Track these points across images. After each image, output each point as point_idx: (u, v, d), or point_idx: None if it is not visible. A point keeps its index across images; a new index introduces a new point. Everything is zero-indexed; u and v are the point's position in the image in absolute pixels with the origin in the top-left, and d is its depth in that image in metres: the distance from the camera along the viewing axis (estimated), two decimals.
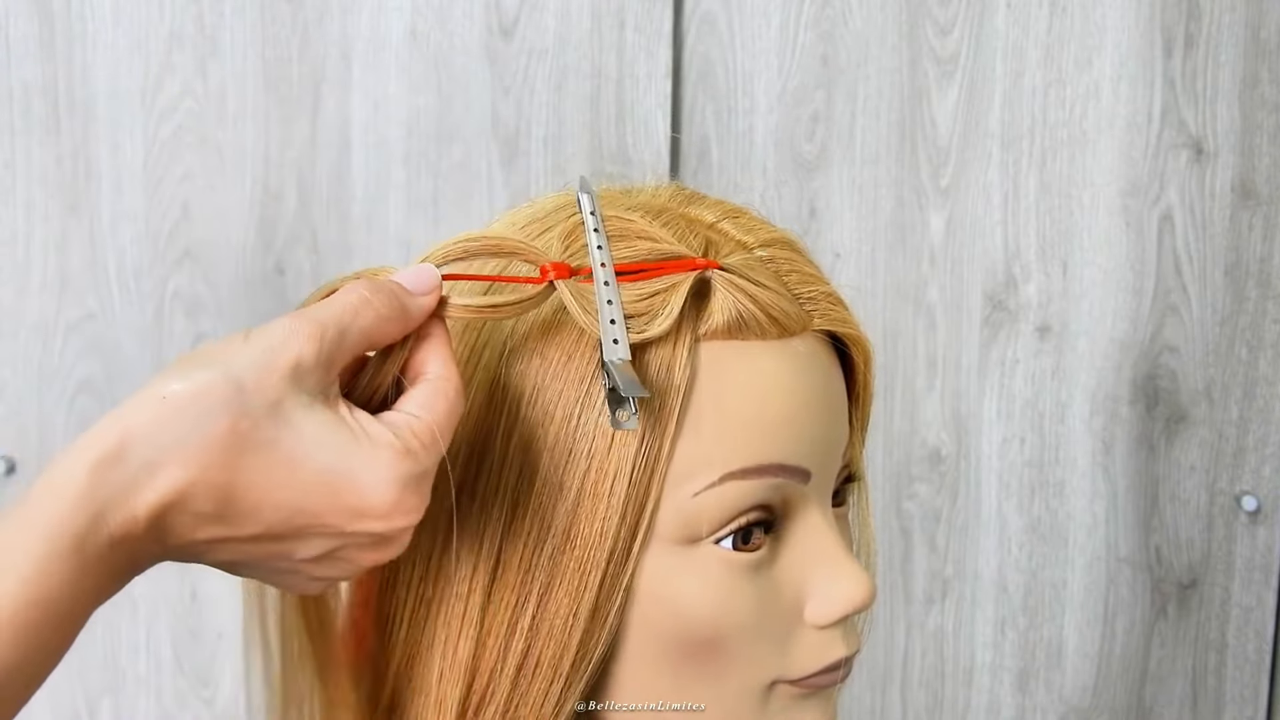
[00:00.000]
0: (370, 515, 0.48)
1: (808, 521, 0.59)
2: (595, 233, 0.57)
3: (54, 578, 0.44)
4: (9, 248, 1.27)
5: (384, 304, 0.51)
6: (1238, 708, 1.40)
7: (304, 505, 0.48)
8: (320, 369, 0.49)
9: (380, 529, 0.49)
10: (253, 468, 0.47)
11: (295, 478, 0.47)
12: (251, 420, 0.46)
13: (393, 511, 0.49)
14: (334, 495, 0.48)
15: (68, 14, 1.24)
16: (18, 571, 0.44)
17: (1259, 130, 1.32)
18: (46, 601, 0.44)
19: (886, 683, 1.39)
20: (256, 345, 0.48)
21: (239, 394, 0.46)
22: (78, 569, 0.45)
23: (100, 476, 0.45)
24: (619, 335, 0.54)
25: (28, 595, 0.44)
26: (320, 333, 0.49)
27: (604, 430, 0.55)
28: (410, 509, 0.49)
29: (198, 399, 0.46)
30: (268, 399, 0.47)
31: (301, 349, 0.48)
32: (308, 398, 0.48)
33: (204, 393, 0.46)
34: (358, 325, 0.50)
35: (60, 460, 0.46)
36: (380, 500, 0.48)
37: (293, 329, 0.48)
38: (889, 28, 1.30)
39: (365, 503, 0.48)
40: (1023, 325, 1.34)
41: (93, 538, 0.45)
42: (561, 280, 0.55)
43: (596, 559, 0.56)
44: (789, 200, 1.32)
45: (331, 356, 0.49)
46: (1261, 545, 1.38)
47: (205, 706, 1.32)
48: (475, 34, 1.27)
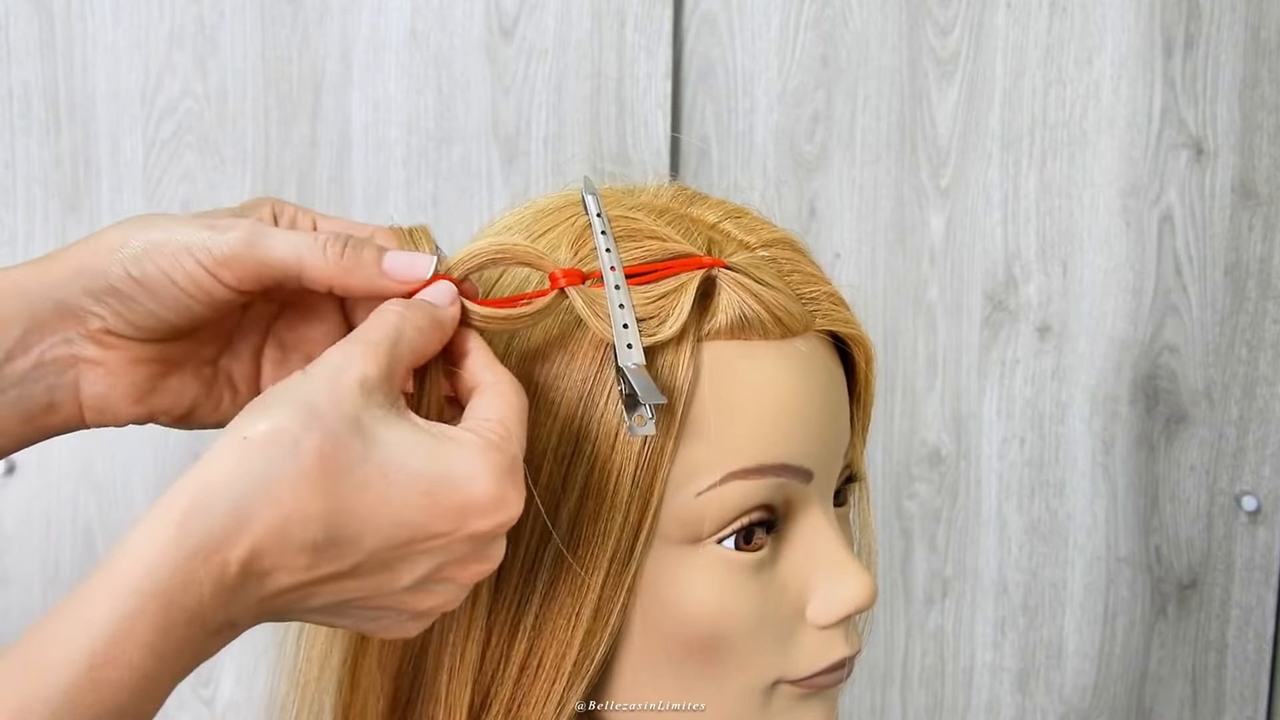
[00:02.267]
0: (474, 511, 0.47)
1: (809, 521, 0.59)
2: (604, 235, 0.57)
3: (135, 637, 0.42)
4: (9, 248, 1.27)
5: (420, 317, 0.51)
6: (1238, 708, 1.40)
7: (404, 518, 0.46)
8: (385, 384, 0.48)
9: (486, 526, 0.48)
10: (348, 490, 0.45)
11: (391, 492, 0.46)
12: (335, 442, 0.45)
13: (497, 504, 0.48)
14: (434, 500, 0.47)
15: (68, 14, 1.24)
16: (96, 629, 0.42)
17: (1259, 130, 1.32)
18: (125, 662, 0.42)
19: (886, 683, 1.39)
20: (318, 373, 0.47)
21: (317, 419, 0.45)
22: (162, 627, 0.43)
23: (188, 528, 0.43)
24: (633, 340, 0.54)
25: (106, 654, 0.42)
26: (374, 350, 0.48)
27: (607, 430, 0.55)
28: (512, 500, 0.48)
29: (278, 435, 0.45)
30: (345, 417, 0.46)
31: (364, 367, 0.47)
32: (381, 412, 0.47)
33: (282, 427, 0.45)
34: (405, 339, 0.50)
35: (148, 516, 0.44)
36: (482, 493, 0.47)
37: (347, 352, 0.48)
38: (889, 28, 1.30)
39: (468, 499, 0.47)
40: (1023, 325, 1.34)
41: (181, 592, 0.43)
42: (573, 287, 0.55)
43: (599, 559, 0.56)
44: (789, 200, 1.32)
45: (391, 370, 0.49)
46: (1261, 545, 1.38)
47: (205, 706, 1.31)
48: (475, 34, 1.27)
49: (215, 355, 0.57)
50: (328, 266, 0.52)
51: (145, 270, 0.52)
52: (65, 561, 1.29)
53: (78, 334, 0.53)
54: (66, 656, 0.42)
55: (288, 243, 0.52)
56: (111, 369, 0.54)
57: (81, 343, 0.53)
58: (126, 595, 0.42)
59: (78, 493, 1.29)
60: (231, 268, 0.52)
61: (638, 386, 0.53)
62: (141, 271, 0.52)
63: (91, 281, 0.52)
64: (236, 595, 0.45)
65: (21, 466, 1.28)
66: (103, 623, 0.42)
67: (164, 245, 0.52)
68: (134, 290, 0.52)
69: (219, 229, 0.52)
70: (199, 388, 0.56)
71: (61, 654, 0.42)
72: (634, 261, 0.56)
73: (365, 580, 0.47)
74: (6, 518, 1.28)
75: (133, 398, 0.55)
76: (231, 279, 0.52)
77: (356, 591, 0.47)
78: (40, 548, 1.28)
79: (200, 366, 0.56)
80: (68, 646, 0.42)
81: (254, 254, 0.51)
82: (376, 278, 0.53)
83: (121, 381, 0.54)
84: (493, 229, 0.63)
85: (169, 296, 0.52)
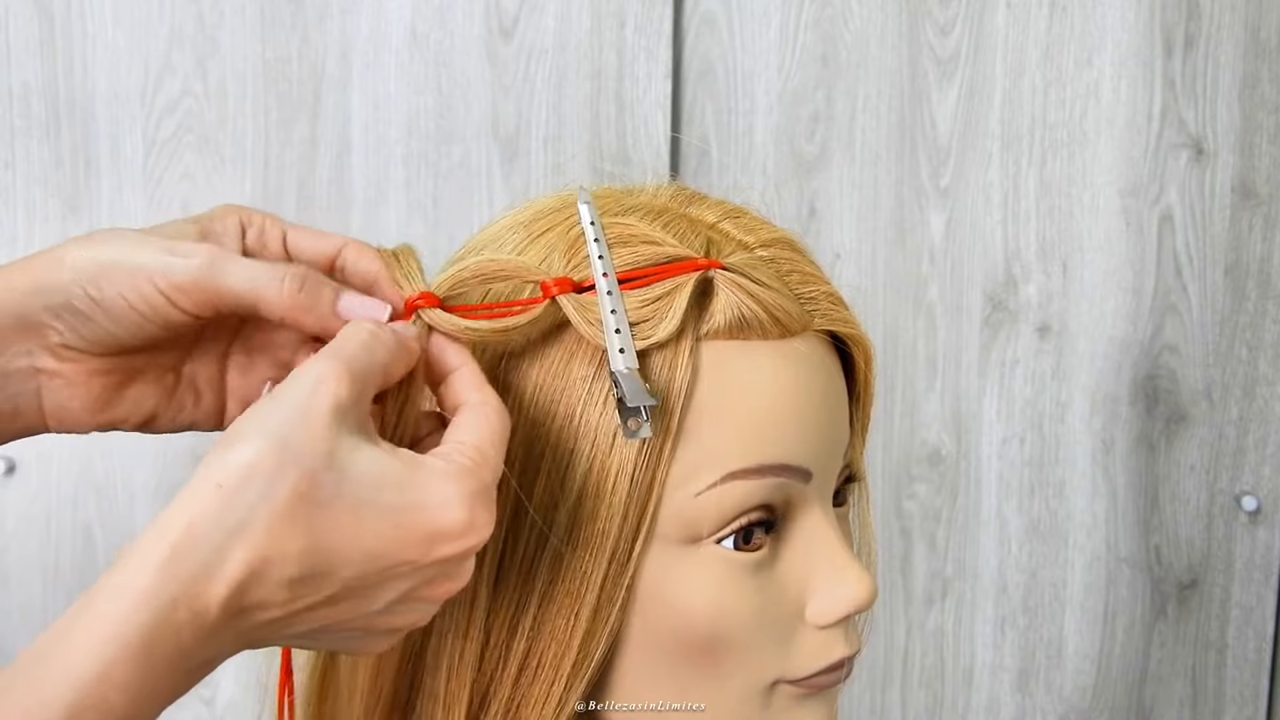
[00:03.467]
0: (444, 538, 0.48)
1: (809, 521, 0.59)
2: (596, 243, 0.57)
3: (115, 683, 0.42)
4: (9, 248, 1.27)
5: (389, 338, 0.51)
6: (1238, 708, 1.40)
7: (377, 549, 0.47)
8: (355, 407, 0.48)
9: (455, 550, 0.48)
10: (322, 526, 0.46)
11: (365, 525, 0.47)
12: (311, 478, 0.46)
13: (466, 529, 0.48)
14: (405, 530, 0.47)
15: (68, 14, 1.24)
16: (76, 675, 0.42)
17: (1259, 130, 1.32)
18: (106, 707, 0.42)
19: (886, 683, 1.39)
20: (289, 400, 0.47)
21: (291, 455, 0.45)
22: (143, 672, 0.43)
23: (168, 572, 0.44)
24: (625, 344, 0.54)
25: (87, 701, 0.42)
26: (346, 371, 0.48)
27: (605, 430, 0.55)
28: (482, 524, 0.49)
29: (254, 473, 0.45)
30: (319, 452, 0.46)
31: (336, 392, 0.47)
32: (353, 440, 0.47)
33: (256, 465, 0.45)
34: (376, 359, 0.50)
35: (125, 559, 0.44)
36: (452, 520, 0.48)
37: (319, 374, 0.48)
38: (889, 28, 1.30)
39: (437, 526, 0.48)
40: (1023, 325, 1.34)
41: (161, 639, 0.43)
42: (564, 294, 0.55)
43: (598, 559, 0.56)
44: (789, 200, 1.32)
45: (362, 392, 0.49)
46: (1261, 545, 1.38)
47: (205, 706, 1.32)
48: (475, 34, 1.27)
49: (177, 363, 0.57)
50: (282, 303, 0.52)
51: (103, 291, 0.52)
52: (65, 561, 1.29)
53: (37, 346, 0.53)
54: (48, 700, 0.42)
55: (246, 276, 0.52)
56: (71, 380, 0.54)
57: (41, 355, 0.53)
58: (107, 643, 0.43)
59: (78, 493, 1.29)
60: (189, 295, 0.52)
61: (629, 390, 0.53)
62: (99, 292, 0.52)
63: (50, 298, 0.52)
64: (216, 635, 0.45)
65: (21, 466, 1.28)
66: (83, 668, 0.42)
67: (122, 268, 0.52)
68: (91, 310, 0.52)
69: (179, 254, 0.52)
70: (160, 395, 0.56)
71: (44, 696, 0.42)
72: (627, 266, 0.57)
73: (340, 607, 0.48)
74: (6, 518, 1.28)
75: (93, 408, 0.55)
76: (188, 305, 0.52)
77: (331, 619, 0.48)
78: (40, 548, 1.28)
79: (162, 374, 0.56)
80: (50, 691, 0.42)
81: (211, 284, 0.52)
82: (329, 319, 0.53)
83: (80, 393, 0.54)
84: (491, 229, 0.63)
85: (125, 318, 0.52)
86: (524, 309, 0.55)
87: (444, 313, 0.54)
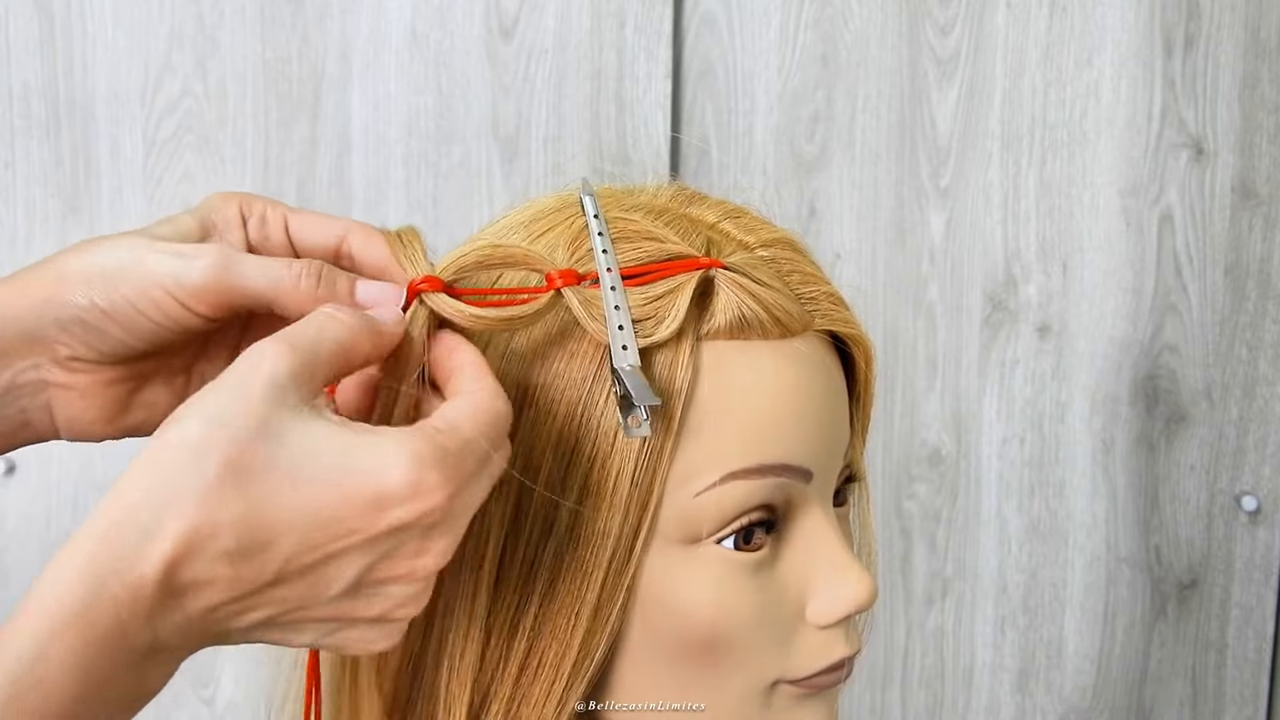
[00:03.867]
0: (389, 501, 0.45)
1: (809, 521, 0.59)
2: (600, 237, 0.57)
3: (54, 660, 0.42)
4: (9, 248, 1.27)
5: (349, 315, 0.50)
6: (1238, 708, 1.40)
7: (317, 515, 0.45)
8: (301, 382, 0.47)
9: (407, 516, 0.45)
10: (257, 495, 0.44)
11: (300, 490, 0.45)
12: (241, 447, 0.44)
13: (413, 490, 0.45)
14: (342, 493, 0.45)
15: (68, 14, 1.24)
16: (12, 652, 0.42)
17: (1259, 130, 1.32)
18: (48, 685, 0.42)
19: (886, 683, 1.39)
20: (227, 381, 0.46)
21: (223, 427, 0.44)
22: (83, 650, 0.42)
23: (101, 548, 0.43)
24: (628, 341, 0.54)
25: (27, 677, 0.41)
26: (289, 348, 0.47)
27: (606, 429, 0.55)
28: (432, 485, 0.46)
29: (184, 448, 0.44)
30: (252, 422, 0.45)
31: (274, 365, 0.46)
32: (292, 412, 0.46)
33: (188, 440, 0.44)
34: (328, 337, 0.48)
35: (66, 544, 0.44)
36: (396, 481, 0.45)
37: (259, 351, 0.47)
38: (889, 28, 1.30)
39: (381, 488, 0.45)
40: (1023, 325, 1.34)
41: (97, 612, 0.43)
42: (569, 288, 0.55)
43: (598, 558, 0.56)
44: (789, 200, 1.32)
45: (310, 368, 0.47)
46: (1261, 545, 1.38)
47: (205, 706, 1.31)
48: (475, 34, 1.27)
49: (188, 363, 0.56)
50: (302, 300, 0.51)
51: (114, 303, 0.51)
52: None
53: (47, 360, 0.53)
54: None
55: (262, 273, 0.51)
56: (83, 392, 0.54)
57: (50, 368, 0.53)
58: (41, 616, 0.42)
59: (78, 493, 1.29)
60: (203, 298, 0.51)
61: (632, 388, 0.53)
62: (109, 304, 0.51)
63: (59, 311, 0.51)
64: (159, 613, 0.44)
65: (21, 466, 1.28)
66: (20, 645, 0.42)
67: (131, 277, 0.51)
68: (102, 321, 0.52)
69: (187, 256, 0.51)
70: (172, 397, 0.56)
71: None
72: (631, 263, 0.56)
73: (292, 588, 0.46)
74: (6, 517, 1.28)
75: (106, 418, 0.55)
76: (203, 309, 0.51)
77: (289, 603, 0.46)
78: (40, 548, 1.28)
79: (173, 376, 0.56)
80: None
81: (226, 285, 0.51)
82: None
83: (94, 404, 0.54)
84: (492, 229, 0.63)
85: (138, 327, 0.52)
86: (528, 299, 0.55)
87: (447, 297, 0.53)
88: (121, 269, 0.51)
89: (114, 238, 0.52)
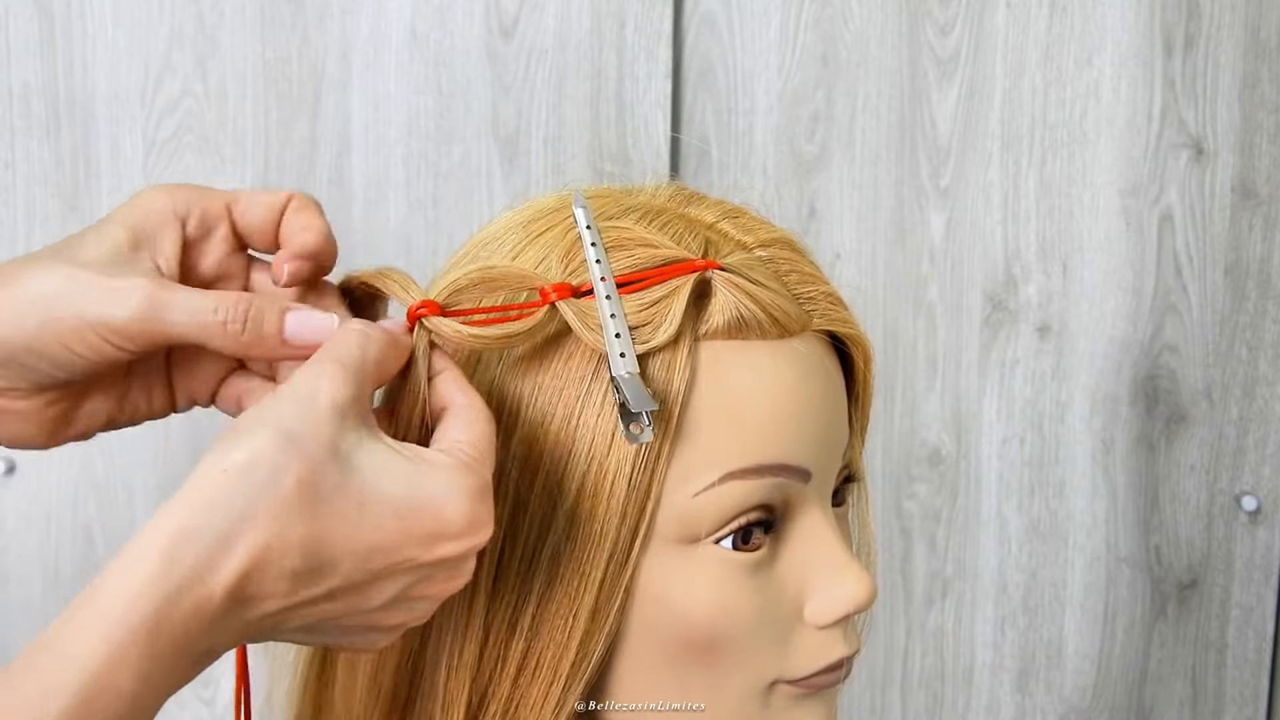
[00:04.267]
0: (446, 535, 0.48)
1: (808, 521, 0.59)
2: (593, 247, 0.57)
3: (124, 669, 0.43)
4: (9, 247, 1.27)
5: (382, 335, 0.52)
6: (1238, 708, 1.40)
7: (380, 543, 0.47)
8: (356, 404, 0.49)
9: (456, 550, 0.48)
10: (326, 517, 0.46)
11: (367, 517, 0.47)
12: (314, 469, 0.46)
13: (468, 527, 0.48)
14: (407, 525, 0.47)
15: (68, 14, 1.24)
16: (84, 662, 0.42)
17: (1259, 130, 1.32)
18: (115, 692, 0.43)
19: (886, 683, 1.39)
20: (290, 397, 0.47)
21: (296, 446, 0.46)
22: (150, 658, 0.43)
23: (172, 559, 0.44)
24: (625, 349, 0.54)
25: (97, 684, 0.42)
26: (342, 370, 0.49)
27: (604, 430, 0.55)
28: (484, 522, 0.49)
29: (258, 463, 0.45)
30: (323, 444, 0.46)
31: (335, 389, 0.48)
32: (355, 435, 0.48)
33: (262, 454, 0.46)
34: (369, 357, 0.50)
35: (129, 548, 0.44)
36: (455, 516, 0.48)
37: (316, 373, 0.48)
38: (889, 28, 1.30)
39: (440, 522, 0.48)
40: (1023, 325, 1.34)
41: (167, 623, 0.44)
42: (563, 300, 0.55)
43: (596, 559, 0.56)
44: (789, 200, 1.32)
45: (360, 390, 0.49)
46: (1261, 545, 1.38)
47: (205, 706, 1.32)
48: (475, 34, 1.27)
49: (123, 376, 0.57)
50: (229, 346, 0.52)
51: (44, 343, 0.51)
52: (65, 561, 1.29)
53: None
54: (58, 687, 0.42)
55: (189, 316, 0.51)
56: (22, 415, 0.54)
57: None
58: (115, 629, 0.43)
59: (78, 493, 1.29)
60: (131, 339, 0.51)
61: (631, 395, 0.53)
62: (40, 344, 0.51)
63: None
64: (220, 623, 0.45)
65: (21, 466, 1.28)
66: (94, 655, 0.43)
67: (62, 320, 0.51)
68: (33, 360, 0.52)
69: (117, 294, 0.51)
70: (111, 406, 0.56)
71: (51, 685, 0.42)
72: (625, 270, 0.57)
73: (339, 602, 0.48)
74: (6, 518, 1.28)
75: (47, 433, 0.55)
76: (132, 347, 0.52)
77: (331, 613, 0.48)
78: (40, 548, 1.28)
79: (109, 389, 0.56)
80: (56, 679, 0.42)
81: (153, 328, 0.51)
82: (278, 348, 0.53)
83: (33, 423, 0.55)
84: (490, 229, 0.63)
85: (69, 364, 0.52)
86: (521, 313, 0.55)
87: (446, 320, 0.54)
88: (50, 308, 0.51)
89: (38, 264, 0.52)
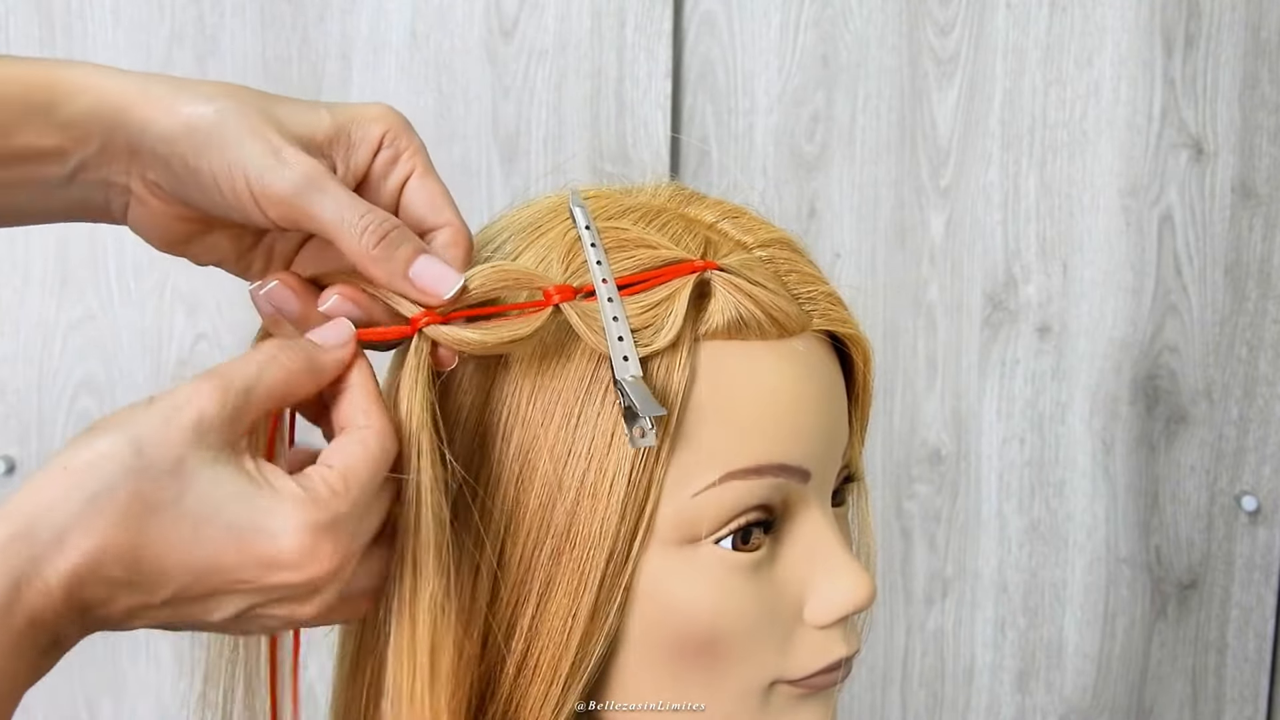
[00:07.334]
0: (281, 565, 0.48)
1: (807, 521, 0.59)
2: (593, 247, 0.57)
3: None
4: (9, 248, 1.27)
5: (291, 359, 0.51)
6: (1238, 708, 1.40)
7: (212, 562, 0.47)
8: (225, 425, 0.48)
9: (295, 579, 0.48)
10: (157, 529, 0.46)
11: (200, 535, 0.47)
12: (153, 482, 0.46)
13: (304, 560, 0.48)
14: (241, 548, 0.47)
15: (68, 14, 1.24)
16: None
17: (1259, 130, 1.32)
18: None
19: (886, 683, 1.39)
20: (159, 407, 0.47)
21: (139, 457, 0.46)
22: None
23: (13, 552, 0.44)
24: (628, 352, 0.54)
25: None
26: (224, 389, 0.48)
27: (603, 430, 0.55)
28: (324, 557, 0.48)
29: (99, 466, 0.46)
30: (169, 458, 0.46)
31: (204, 406, 0.48)
32: (211, 454, 0.47)
33: (105, 459, 0.46)
34: (265, 381, 0.50)
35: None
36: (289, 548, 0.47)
37: (195, 388, 0.48)
38: (889, 28, 1.30)
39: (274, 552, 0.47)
40: (1023, 325, 1.34)
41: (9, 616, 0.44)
42: (566, 302, 0.55)
43: (596, 559, 0.56)
44: (789, 200, 1.32)
45: (237, 411, 0.49)
46: (1261, 545, 1.38)
47: None
48: (475, 34, 1.27)
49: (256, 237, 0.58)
50: (357, 250, 0.52)
51: (201, 165, 0.52)
52: None
53: (136, 174, 0.55)
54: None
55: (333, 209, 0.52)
56: (154, 213, 0.56)
57: (137, 182, 0.55)
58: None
59: None
60: (275, 208, 0.52)
61: (636, 399, 0.53)
62: (196, 162, 0.53)
63: (154, 144, 0.53)
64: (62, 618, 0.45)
65: (22, 466, 1.28)
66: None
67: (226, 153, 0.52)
68: (185, 174, 0.53)
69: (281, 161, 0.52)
70: (232, 251, 0.58)
71: None
72: (625, 272, 0.56)
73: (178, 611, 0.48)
74: None
75: (167, 241, 0.57)
76: (272, 214, 0.53)
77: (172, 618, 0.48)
78: None
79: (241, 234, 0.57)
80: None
81: (298, 205, 0.52)
82: (398, 279, 0.53)
83: (160, 225, 0.56)
84: (490, 229, 0.63)
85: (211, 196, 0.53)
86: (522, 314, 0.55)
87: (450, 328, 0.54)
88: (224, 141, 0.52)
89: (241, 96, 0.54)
